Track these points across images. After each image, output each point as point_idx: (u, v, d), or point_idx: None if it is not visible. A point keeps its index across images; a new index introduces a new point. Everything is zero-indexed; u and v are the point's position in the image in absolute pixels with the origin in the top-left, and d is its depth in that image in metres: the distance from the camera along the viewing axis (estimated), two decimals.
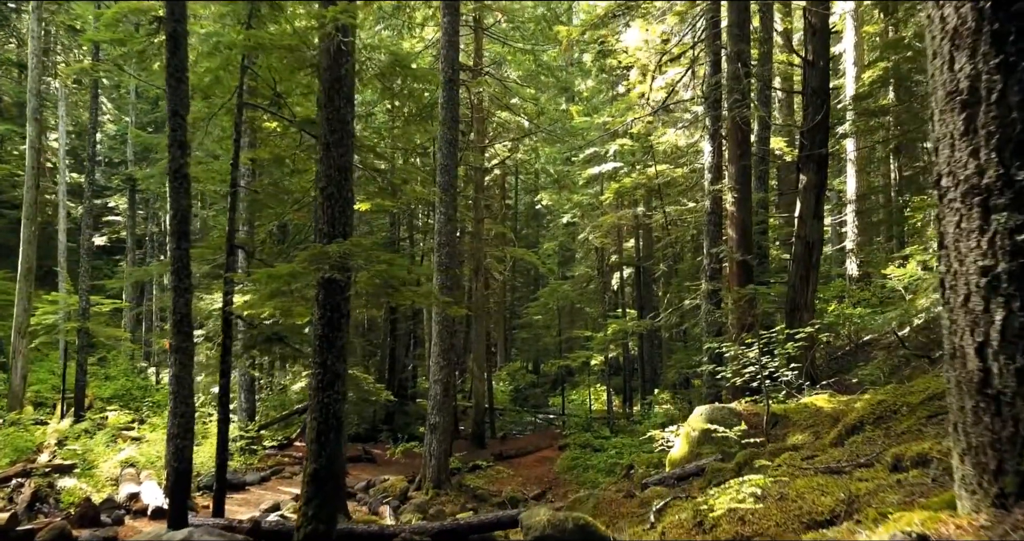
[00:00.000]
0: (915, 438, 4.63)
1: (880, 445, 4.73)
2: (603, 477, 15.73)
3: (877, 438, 5.00)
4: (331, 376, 6.82)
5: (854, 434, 5.49)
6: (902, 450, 3.54)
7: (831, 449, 5.32)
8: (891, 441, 4.79)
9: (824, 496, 3.26)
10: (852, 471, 3.95)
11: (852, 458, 4.48)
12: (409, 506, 12.86)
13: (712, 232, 13.21)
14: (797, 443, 7.06)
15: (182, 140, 8.31)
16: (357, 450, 18.89)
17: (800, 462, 4.78)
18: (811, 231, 12.20)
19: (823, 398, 8.53)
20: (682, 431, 9.01)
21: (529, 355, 36.78)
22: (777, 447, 6.80)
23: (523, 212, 44.46)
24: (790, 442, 7.34)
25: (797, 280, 12.31)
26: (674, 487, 7.47)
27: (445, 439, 14.17)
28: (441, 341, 14.23)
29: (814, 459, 4.82)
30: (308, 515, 6.51)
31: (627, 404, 26.41)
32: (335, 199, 6.97)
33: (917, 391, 5.46)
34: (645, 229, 25.76)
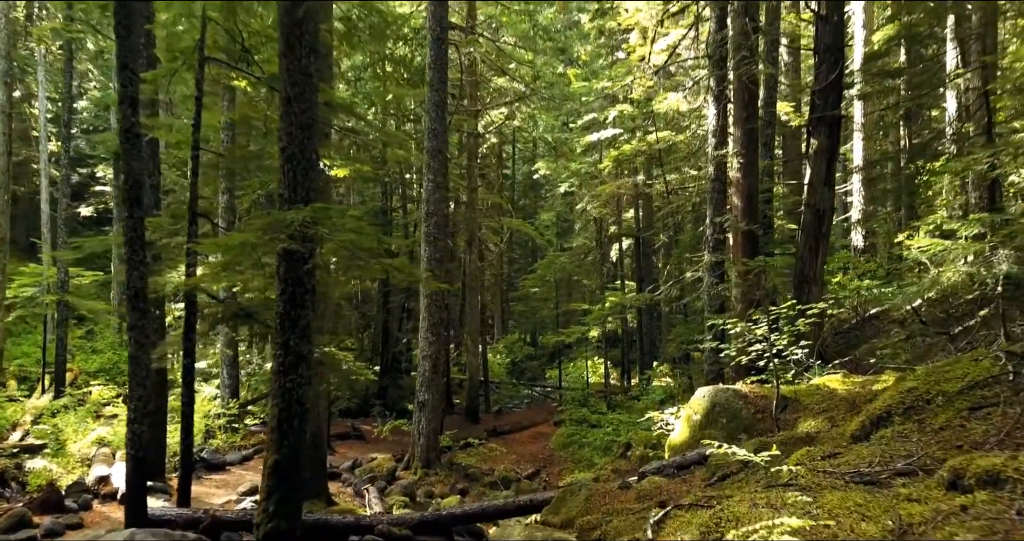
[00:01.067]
0: (959, 436, 3.95)
1: (916, 443, 4.06)
2: (599, 455, 15.20)
3: (910, 434, 4.32)
4: (294, 358, 6.13)
5: (881, 426, 4.82)
6: (963, 463, 2.87)
7: (855, 445, 4.65)
8: (928, 439, 4.11)
9: (866, 523, 2.59)
10: (892, 481, 3.27)
11: (886, 460, 3.80)
12: (396, 487, 12.31)
13: (716, 200, 12.45)
14: (810, 431, 6.40)
15: (133, 97, 7.52)
16: (346, 427, 18.37)
17: (822, 463, 4.10)
18: (821, 198, 11.45)
19: (836, 379, 7.88)
20: (683, 414, 8.38)
21: (526, 327, 36.22)
22: (789, 436, 6.15)
23: (521, 182, 43.60)
24: (802, 429, 6.70)
25: (806, 251, 11.58)
26: (673, 477, 6.84)
27: (434, 417, 13.59)
28: (430, 315, 13.56)
29: (837, 459, 4.15)
30: (268, 511, 5.88)
31: (625, 377, 25.89)
32: (297, 160, 6.22)
33: (953, 377, 4.78)
34: (645, 198, 24.96)
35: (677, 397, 15.95)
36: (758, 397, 7.71)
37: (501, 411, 23.52)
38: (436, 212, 13.56)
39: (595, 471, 13.65)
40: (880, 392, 6.42)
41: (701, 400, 7.93)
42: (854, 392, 7.19)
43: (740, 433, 7.38)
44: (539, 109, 26.96)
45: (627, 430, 15.67)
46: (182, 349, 8.23)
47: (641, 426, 11.81)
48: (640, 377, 23.91)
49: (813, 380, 8.09)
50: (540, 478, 14.69)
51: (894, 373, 7.57)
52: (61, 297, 18.35)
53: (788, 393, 7.58)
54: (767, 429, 7.26)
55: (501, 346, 33.88)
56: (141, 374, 7.46)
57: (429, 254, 13.54)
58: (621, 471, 13.61)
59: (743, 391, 7.79)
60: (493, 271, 36.08)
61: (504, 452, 16.02)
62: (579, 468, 14.90)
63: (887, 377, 7.35)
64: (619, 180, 22.76)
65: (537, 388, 28.71)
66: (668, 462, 7.16)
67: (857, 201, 21.19)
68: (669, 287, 13.54)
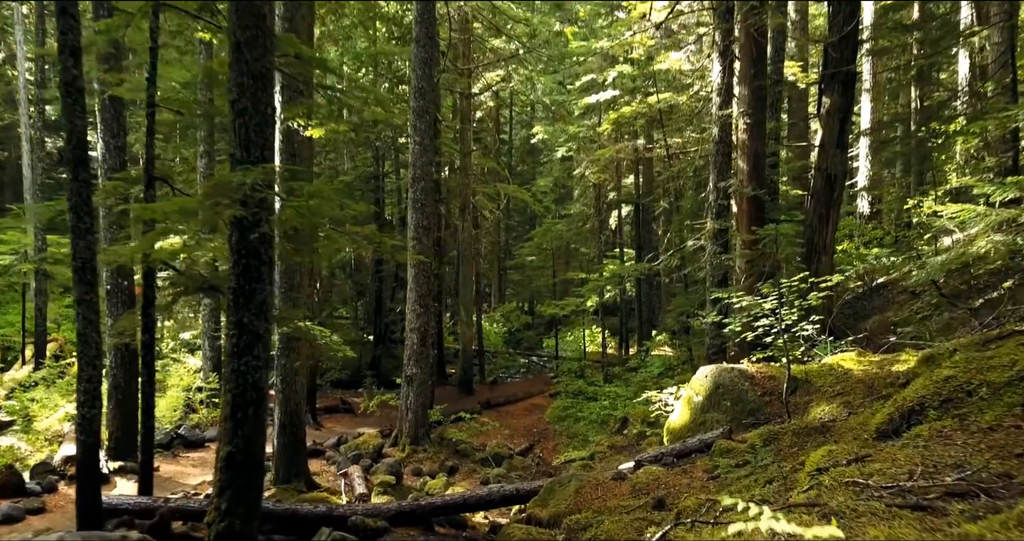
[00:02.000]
0: (1016, 441, 3.30)
1: (963, 448, 3.41)
2: (595, 430, 14.69)
3: (952, 434, 3.68)
4: (249, 338, 5.47)
5: (913, 422, 4.17)
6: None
7: (884, 445, 4.00)
8: (976, 442, 3.47)
9: None
10: (947, 507, 2.62)
11: (930, 471, 3.16)
12: (382, 465, 11.76)
13: (720, 164, 11.69)
14: (825, 419, 5.77)
15: (74, 46, 6.73)
16: (335, 399, 17.84)
17: (849, 470, 3.46)
18: (833, 162, 10.71)
19: (850, 358, 7.23)
20: (683, 394, 7.76)
21: (523, 296, 35.63)
22: (802, 425, 5.51)
23: (519, 147, 42.62)
24: (815, 414, 6.07)
25: (815, 218, 10.88)
26: (673, 466, 6.23)
27: (423, 392, 13.01)
28: (418, 286, 12.89)
29: (867, 465, 3.50)
30: (221, 510, 5.27)
31: (623, 347, 25.33)
32: (249, 115, 5.47)
33: (999, 365, 4.12)
34: (645, 163, 24.13)
35: (676, 369, 15.38)
36: (765, 378, 7.08)
37: (496, 382, 23.02)
38: (424, 176, 12.80)
39: (590, 448, 13.15)
40: (904, 376, 5.78)
41: (703, 380, 7.30)
42: (871, 373, 6.56)
43: (745, 417, 6.77)
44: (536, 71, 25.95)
45: (624, 404, 15.14)
46: (141, 325, 7.57)
47: (639, 400, 11.24)
48: (639, 347, 23.36)
49: (825, 359, 7.45)
50: (533, 454, 14.18)
51: (913, 352, 6.93)
52: (38, 265, 17.67)
53: (798, 373, 6.95)
54: (775, 414, 6.64)
55: (498, 315, 33.30)
56: (90, 353, 6.81)
57: (417, 221, 12.82)
58: (617, 447, 13.10)
59: (749, 371, 7.15)
60: (490, 239, 35.34)
61: (497, 426, 15.49)
62: (574, 443, 14.39)
63: (907, 356, 6.71)
64: (618, 144, 21.91)
65: (534, 357, 28.21)
66: (667, 449, 6.55)
67: (864, 166, 20.40)
68: (669, 256, 12.84)
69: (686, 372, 15.01)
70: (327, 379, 21.88)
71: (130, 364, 10.84)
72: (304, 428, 10.26)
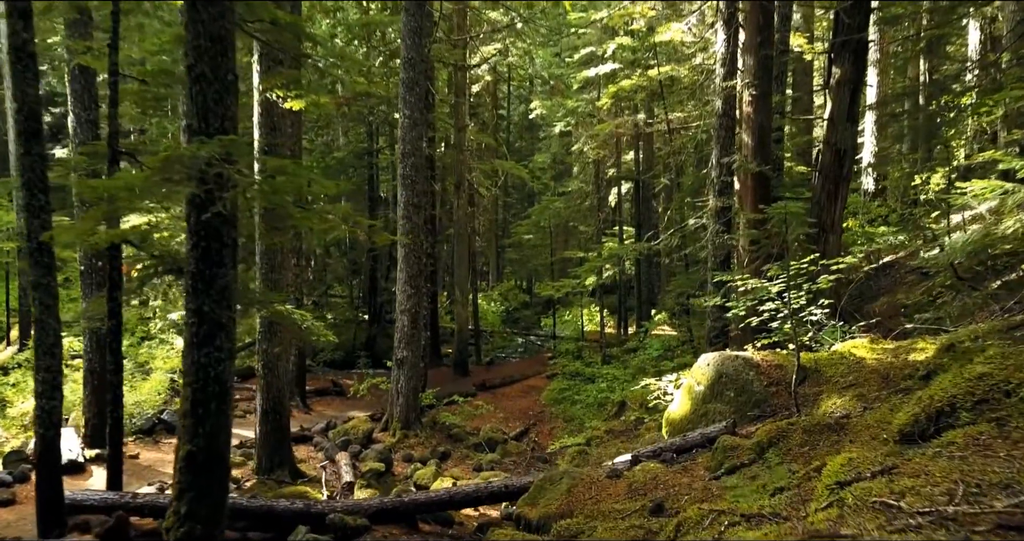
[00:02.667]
0: None
1: (1007, 462, 2.96)
2: (592, 414, 14.31)
3: (993, 443, 3.22)
4: (210, 327, 4.99)
5: (943, 424, 3.72)
6: None
7: (913, 452, 3.55)
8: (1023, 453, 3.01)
9: None
10: None
11: (972, 490, 2.70)
12: (371, 452, 11.39)
13: (723, 138, 11.15)
14: (838, 413, 5.33)
15: (25, 9, 6.19)
16: (326, 382, 17.44)
17: (876, 486, 3.00)
18: (843, 136, 10.17)
19: (862, 345, 6.78)
20: (684, 383, 7.31)
21: (521, 274, 35.17)
22: (813, 422, 5.06)
23: (517, 123, 41.92)
24: (826, 408, 5.63)
25: (823, 196, 10.37)
26: (672, 462, 5.80)
27: (414, 375, 12.59)
28: (408, 266, 12.41)
29: (896, 480, 3.05)
30: (181, 514, 4.84)
31: (622, 326, 24.91)
32: (207, 82, 4.95)
33: None
34: (646, 139, 23.51)
35: (676, 351, 14.97)
36: (771, 366, 6.63)
37: (493, 362, 22.65)
38: (413, 152, 12.25)
39: (587, 433, 12.77)
40: (924, 367, 5.33)
41: (705, 368, 6.85)
42: (886, 363, 6.10)
43: (750, 409, 6.33)
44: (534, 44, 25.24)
45: (622, 387, 14.75)
46: (107, 309, 7.10)
47: (637, 387, 10.82)
48: (638, 327, 22.96)
49: (835, 346, 7.00)
50: (528, 438, 13.81)
51: (930, 339, 6.48)
52: (21, 244, 17.17)
53: (807, 362, 6.49)
54: (782, 406, 6.20)
55: (496, 293, 32.86)
56: (48, 341, 6.36)
57: (407, 198, 12.31)
58: (615, 432, 12.72)
59: (754, 359, 6.70)
60: (487, 216, 34.79)
61: (491, 409, 15.11)
62: (571, 427, 14.02)
63: (924, 344, 6.25)
64: (618, 119, 21.28)
65: (531, 338, 27.84)
66: (666, 444, 6.12)
67: (870, 142, 19.83)
68: (670, 235, 12.34)
69: (686, 354, 14.60)
70: (320, 360, 21.50)
71: (106, 348, 10.38)
72: (288, 415, 9.85)
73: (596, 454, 11.30)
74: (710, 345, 10.98)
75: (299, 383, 14.53)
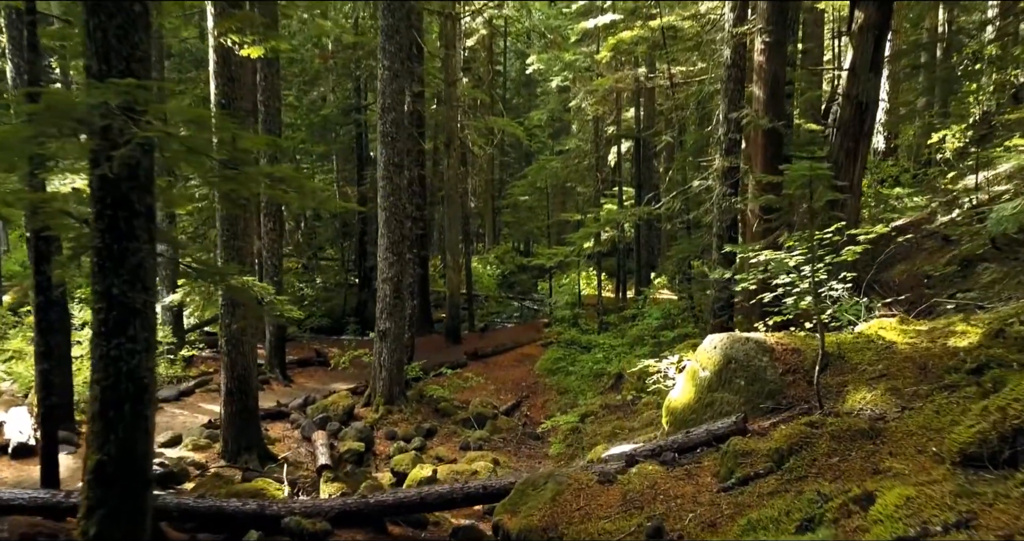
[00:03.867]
0: None
1: None
2: (587, 385, 13.59)
3: None
4: (122, 314, 4.16)
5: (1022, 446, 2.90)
6: None
7: (985, 487, 2.73)
8: None
9: None
10: None
11: None
12: (351, 430, 10.68)
13: (731, 92, 10.16)
14: (869, 413, 4.53)
15: None
16: (310, 351, 16.67)
17: None
18: (865, 87, 9.21)
19: (891, 326, 5.95)
20: (687, 367, 6.50)
21: (518, 236, 34.22)
22: (842, 426, 4.26)
23: (514, 79, 40.58)
24: (853, 403, 4.83)
25: (841, 155, 9.45)
26: (674, 465, 5.03)
27: (398, 347, 11.82)
28: (390, 231, 11.53)
29: (975, 531, 2.24)
30: (91, 535, 4.08)
31: (620, 290, 24.13)
32: (107, 13, 4.02)
33: None
34: (647, 95, 22.38)
35: (677, 320, 14.17)
36: (787, 351, 5.81)
37: (487, 328, 21.91)
38: (394, 106, 11.27)
39: (581, 408, 12.05)
40: (972, 357, 4.50)
41: (711, 352, 6.04)
42: (922, 349, 5.29)
43: (763, 400, 5.53)
44: None
45: (619, 357, 14.00)
46: (32, 285, 6.26)
47: (635, 354, 10.03)
48: (637, 292, 22.17)
49: (859, 326, 6.17)
50: (520, 412, 13.12)
51: (969, 318, 5.65)
52: None
53: (829, 346, 5.67)
54: (801, 397, 5.40)
55: (492, 256, 31.99)
56: None
57: (387, 158, 11.37)
58: (611, 407, 12.00)
59: (767, 343, 5.87)
60: (483, 176, 33.74)
61: (481, 381, 14.40)
62: (564, 400, 13.32)
63: (963, 326, 5.42)
64: (618, 73, 20.12)
65: (527, 302, 27.08)
66: (666, 441, 5.33)
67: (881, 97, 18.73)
68: (672, 198, 11.42)
69: (687, 323, 13.82)
70: (307, 326, 20.75)
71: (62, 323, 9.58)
72: (255, 394, 9.09)
73: (590, 432, 10.60)
74: (714, 317, 10.18)
75: (278, 354, 13.79)
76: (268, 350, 13.81)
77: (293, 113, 21.40)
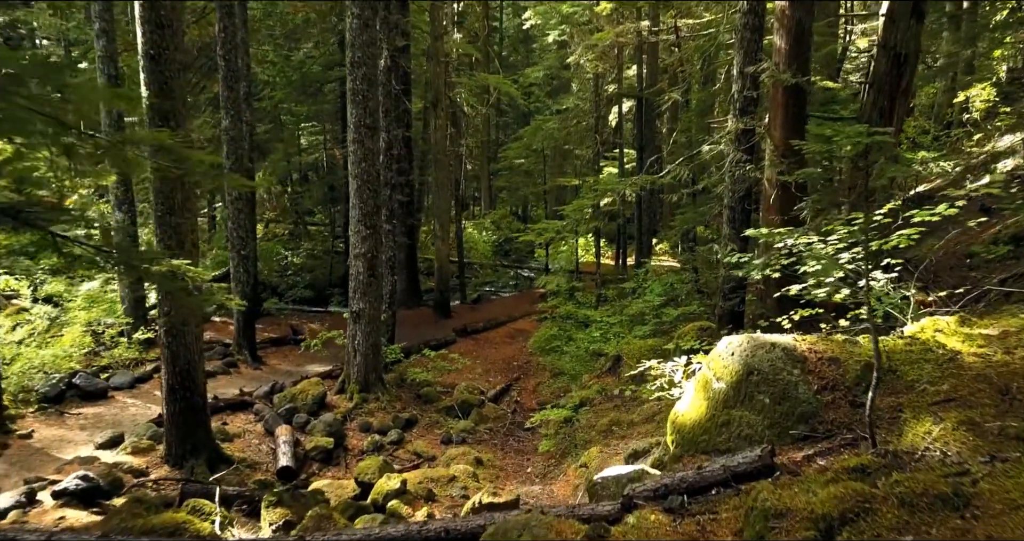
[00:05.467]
0: None
1: None
2: (583, 366, 12.55)
3: None
4: None
5: None
6: None
7: None
8: None
9: None
10: None
11: None
12: (319, 423, 9.66)
13: (748, 43, 8.83)
14: (934, 452, 3.43)
15: None
16: (287, 327, 15.57)
17: None
18: (905, 37, 7.91)
19: (949, 327, 4.82)
20: (697, 373, 5.39)
21: (515, 200, 32.86)
22: (913, 490, 3.14)
23: (511, 36, 38.82)
24: (913, 440, 3.75)
25: (874, 115, 8.19)
26: (682, 514, 3.95)
27: (373, 330, 10.73)
28: (362, 201, 10.34)
29: None
30: None
31: (620, 257, 23.00)
32: None
33: None
34: (650, 52, 20.92)
35: (680, 297, 13.05)
36: (823, 360, 4.69)
37: (480, 300, 20.83)
38: (364, 61, 9.97)
39: (576, 393, 11.02)
40: None
41: (728, 359, 4.92)
42: (996, 361, 4.17)
43: (794, 424, 4.44)
44: None
45: (616, 336, 12.94)
46: None
47: (632, 373, 8.83)
48: (637, 260, 21.02)
49: (908, 329, 5.03)
50: (510, 398, 12.12)
51: None
52: None
53: (867, 353, 4.56)
54: (842, 423, 4.30)
55: (488, 221, 30.72)
56: None
57: (357, 118, 10.12)
58: (608, 395, 10.95)
59: (798, 350, 4.74)
60: (478, 137, 32.31)
61: (470, 363, 13.37)
62: (558, 383, 12.31)
63: None
64: (619, 27, 18.64)
65: (523, 271, 25.95)
66: (672, 479, 4.24)
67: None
68: (678, 165, 10.17)
69: (691, 301, 12.71)
70: (290, 297, 19.65)
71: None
72: (203, 390, 8.00)
73: (585, 424, 9.58)
74: (724, 299, 9.04)
75: (247, 333, 12.70)
76: (236, 329, 12.72)
77: (273, 70, 19.93)
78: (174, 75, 7.25)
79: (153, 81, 7.17)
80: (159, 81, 7.17)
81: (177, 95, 7.30)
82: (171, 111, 7.23)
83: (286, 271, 21.73)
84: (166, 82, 7.20)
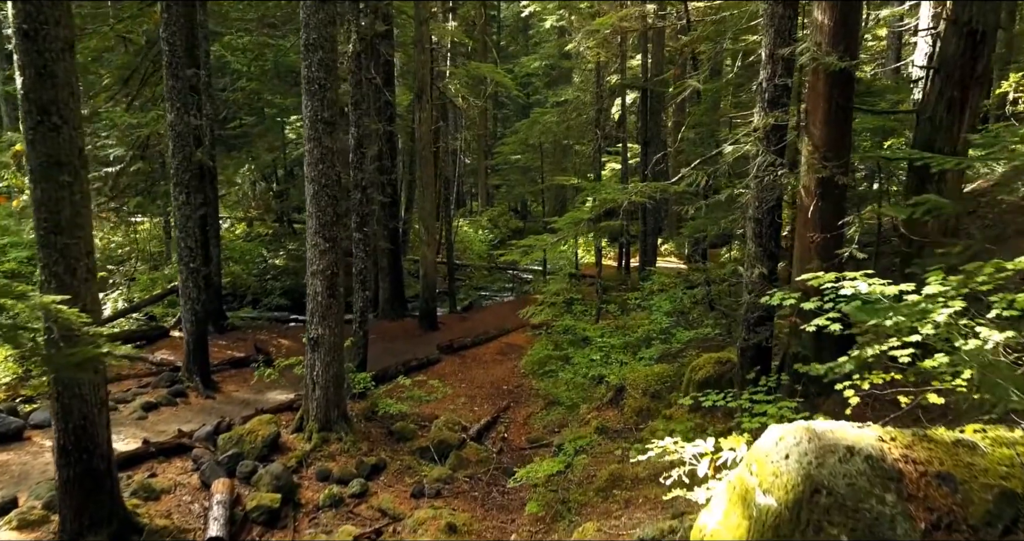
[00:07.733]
0: None
1: None
2: (580, 394, 11.03)
3: None
4: None
5: None
6: None
7: None
8: None
9: None
10: None
11: None
12: (266, 475, 8.14)
13: (779, 18, 7.18)
14: None
15: None
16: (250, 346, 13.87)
17: None
18: (981, 11, 6.34)
19: None
20: (733, 475, 3.82)
21: (512, 199, 31.24)
22: None
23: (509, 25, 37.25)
24: None
25: (940, 109, 6.66)
26: None
27: (334, 360, 9.20)
28: (319, 209, 8.79)
29: None
30: None
31: (623, 261, 21.46)
32: None
33: None
34: (656, 40, 19.32)
35: (691, 316, 11.51)
36: (926, 478, 3.13)
37: (471, 307, 19.32)
38: (321, 44, 8.41)
39: (570, 433, 9.50)
40: None
41: (781, 464, 3.37)
42: None
43: None
44: None
45: (619, 361, 11.38)
46: None
47: (642, 457, 7.28)
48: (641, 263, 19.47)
49: None
50: (496, 434, 10.61)
51: None
52: None
53: (1005, 474, 3.00)
54: None
55: (485, 220, 29.16)
56: None
57: (314, 111, 8.57)
58: (609, 434, 9.40)
59: (887, 460, 3.17)
60: (475, 131, 30.77)
61: (452, 390, 11.82)
62: (552, 417, 10.80)
63: None
64: (622, 10, 17.03)
65: (521, 274, 24.39)
66: None
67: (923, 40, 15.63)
68: (694, 170, 8.57)
69: (705, 323, 11.16)
70: (265, 305, 18.10)
71: None
72: (106, 449, 6.48)
73: (580, 478, 8.06)
74: (747, 331, 7.47)
75: (198, 357, 11.16)
76: (186, 352, 11.20)
77: (244, 58, 18.32)
78: (57, 56, 5.71)
79: (29, 63, 5.63)
80: (36, 64, 5.64)
81: (62, 82, 5.75)
82: (52, 102, 5.69)
83: (265, 275, 20.24)
84: (45, 65, 5.66)
